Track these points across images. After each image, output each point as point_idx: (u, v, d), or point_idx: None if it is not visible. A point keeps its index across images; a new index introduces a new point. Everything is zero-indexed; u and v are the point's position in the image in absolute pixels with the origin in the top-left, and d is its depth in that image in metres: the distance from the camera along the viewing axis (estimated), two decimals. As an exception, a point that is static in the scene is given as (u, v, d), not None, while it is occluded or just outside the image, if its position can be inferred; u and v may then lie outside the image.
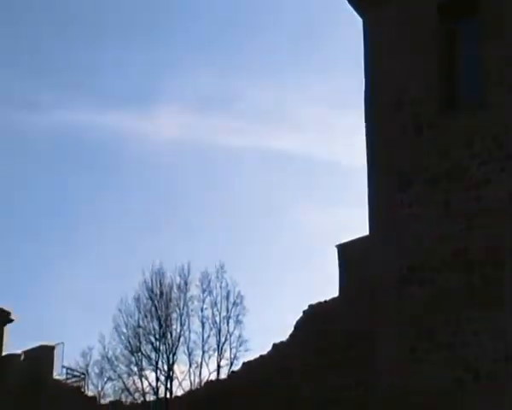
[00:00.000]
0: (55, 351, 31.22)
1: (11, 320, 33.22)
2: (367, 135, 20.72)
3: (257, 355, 25.49)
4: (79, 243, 63.42)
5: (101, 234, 63.75)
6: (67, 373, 32.11)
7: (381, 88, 20.74)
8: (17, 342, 46.63)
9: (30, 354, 31.23)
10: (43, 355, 31.01)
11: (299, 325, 23.96)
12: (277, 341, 24.66)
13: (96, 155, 67.71)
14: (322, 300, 23.57)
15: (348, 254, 22.78)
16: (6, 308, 33.03)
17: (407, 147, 20.03)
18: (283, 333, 24.59)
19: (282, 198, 60.94)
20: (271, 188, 61.76)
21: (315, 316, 23.46)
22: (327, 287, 30.62)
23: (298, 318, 24.08)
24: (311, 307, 23.87)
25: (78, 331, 55.16)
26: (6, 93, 67.69)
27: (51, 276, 62.99)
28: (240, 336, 38.97)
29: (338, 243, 23.34)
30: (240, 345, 38.83)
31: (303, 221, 59.69)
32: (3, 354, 32.43)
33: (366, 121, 20.80)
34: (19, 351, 31.87)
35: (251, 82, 64.77)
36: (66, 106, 65.18)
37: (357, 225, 46.95)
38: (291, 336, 24.18)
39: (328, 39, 66.82)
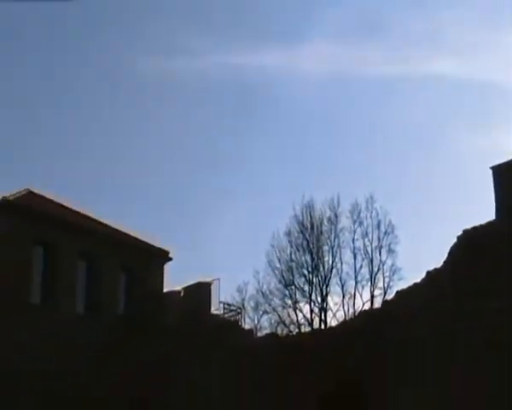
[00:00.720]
0: (212, 287, 31.89)
1: (170, 259, 35.06)
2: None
3: (410, 283, 25.25)
4: (232, 183, 64.83)
5: (251, 173, 64.84)
6: (224, 308, 32.62)
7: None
8: (176, 280, 48.43)
9: (188, 290, 32.22)
10: (200, 291, 31.80)
11: (453, 252, 23.52)
12: (431, 268, 24.34)
13: (252, 98, 68.61)
14: (477, 224, 23.00)
15: (504, 175, 21.99)
16: (165, 248, 34.85)
17: None
18: (437, 260, 24.27)
19: (435, 123, 59.85)
20: (424, 114, 60.76)
21: (469, 241, 22.94)
22: (482, 211, 29.85)
23: (452, 244, 23.64)
24: (465, 232, 23.34)
25: (234, 268, 56.53)
26: (164, 42, 69.38)
27: (208, 215, 64.69)
28: (393, 265, 38.55)
29: (493, 165, 22.57)
30: (393, 274, 38.44)
31: (456, 145, 58.56)
32: (164, 290, 34.06)
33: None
34: (178, 288, 33.03)
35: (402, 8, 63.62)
36: (219, 50, 66.02)
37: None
38: (445, 262, 23.78)
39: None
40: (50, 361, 29.49)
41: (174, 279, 45.54)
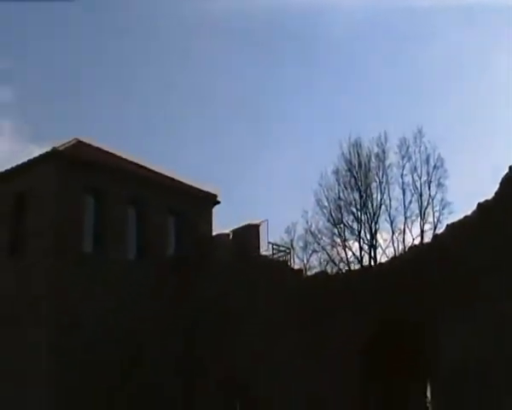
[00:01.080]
0: (261, 228, 31.87)
1: (218, 202, 35.11)
2: None
3: (461, 217, 24.99)
4: (279, 127, 64.61)
5: (299, 116, 64.47)
6: (273, 249, 32.41)
7: None
8: (225, 223, 48.57)
9: (237, 232, 32.29)
10: (249, 233, 31.87)
11: (504, 183, 23.18)
12: (482, 200, 24.05)
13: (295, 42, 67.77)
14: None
15: None
16: (213, 191, 35.00)
17: None
18: (488, 192, 23.95)
19: (483, 53, 58.52)
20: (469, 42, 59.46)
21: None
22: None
23: (503, 175, 23.30)
24: (517, 162, 22.97)
25: (282, 209, 56.50)
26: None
27: (256, 158, 64.74)
28: (442, 200, 38.21)
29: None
30: (443, 208, 38.12)
31: (504, 75, 57.36)
32: (213, 234, 34.16)
33: None
34: (227, 230, 33.07)
35: None
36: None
37: None
38: (496, 194, 23.47)
39: None
40: (107, 308, 29.96)
41: (223, 222, 45.66)
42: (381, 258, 37.30)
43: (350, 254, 39.02)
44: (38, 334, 29.08)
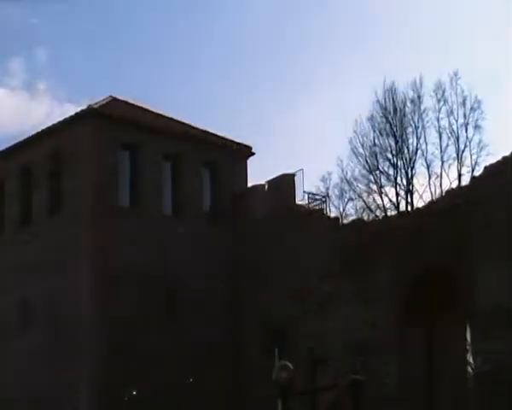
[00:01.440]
0: (296, 178, 31.77)
1: (253, 154, 34.98)
2: None
3: (499, 158, 24.72)
4: (312, 74, 64.19)
5: (331, 62, 63.96)
6: (309, 198, 32.38)
7: None
8: (260, 174, 48.69)
9: (273, 183, 32.34)
10: (284, 183, 31.81)
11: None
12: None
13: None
14: None
15: None
16: (247, 143, 34.83)
17: None
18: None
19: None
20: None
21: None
22: None
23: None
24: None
25: (317, 158, 56.69)
26: None
27: (287, 107, 64.51)
28: (480, 142, 38.04)
29: None
30: (480, 150, 37.94)
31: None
32: (248, 185, 34.23)
33: None
34: (262, 181, 33.17)
35: None
36: None
37: None
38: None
39: None
40: (147, 261, 30.31)
41: (258, 174, 45.78)
42: (418, 203, 37.26)
43: (386, 200, 39.17)
44: (80, 289, 29.75)
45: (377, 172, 39.33)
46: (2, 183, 33.58)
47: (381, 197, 39.34)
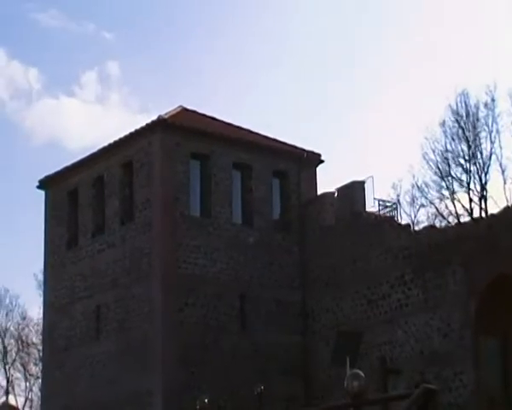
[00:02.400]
0: (366, 185, 31.68)
1: (322, 161, 34.70)
2: None
3: None
4: (380, 77, 64.05)
5: (399, 66, 63.13)
6: (380, 205, 32.24)
7: None
8: (329, 181, 48.45)
9: (342, 190, 32.17)
10: (354, 191, 31.64)
11: None
12: None
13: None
14: None
15: None
16: (316, 151, 34.54)
17: None
18: None
19: None
20: None
21: None
22: None
23: None
24: None
25: (387, 165, 56.21)
26: None
27: (357, 113, 64.09)
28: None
29: None
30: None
31: None
32: (318, 193, 33.89)
33: None
34: (332, 189, 33.03)
35: None
36: None
37: None
38: None
39: None
40: (218, 270, 30.73)
41: (327, 181, 45.59)
42: (493, 209, 36.53)
43: (459, 206, 38.42)
44: (152, 297, 30.04)
45: (449, 177, 38.72)
46: (75, 193, 33.96)
47: (454, 203, 38.71)
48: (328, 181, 47.14)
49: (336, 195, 32.44)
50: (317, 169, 34.65)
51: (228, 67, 68.89)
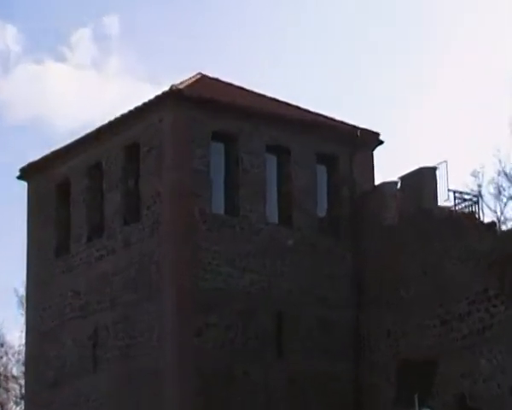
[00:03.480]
0: (438, 173, 29.08)
1: (381, 142, 31.87)
2: None
3: None
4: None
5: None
6: (455, 198, 29.24)
7: None
8: (390, 168, 45.45)
9: (407, 179, 29.68)
10: (422, 180, 29.22)
11: None
12: None
13: None
14: None
15: None
16: (373, 129, 31.65)
17: None
18: None
19: None
20: None
21: None
22: None
23: None
24: None
25: (465, 147, 52.22)
26: None
27: (423, 84, 59.36)
28: None
29: None
30: None
31: None
32: (376, 183, 31.27)
33: None
34: (394, 178, 30.53)
35: None
36: None
37: None
38: None
39: None
40: (247, 282, 28.58)
41: (388, 168, 42.26)
42: None
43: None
44: (164, 316, 27.91)
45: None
46: (66, 186, 31.68)
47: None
48: (388, 168, 43.82)
49: (399, 185, 30.13)
50: (375, 152, 31.99)
51: (261, 26, 63.13)
